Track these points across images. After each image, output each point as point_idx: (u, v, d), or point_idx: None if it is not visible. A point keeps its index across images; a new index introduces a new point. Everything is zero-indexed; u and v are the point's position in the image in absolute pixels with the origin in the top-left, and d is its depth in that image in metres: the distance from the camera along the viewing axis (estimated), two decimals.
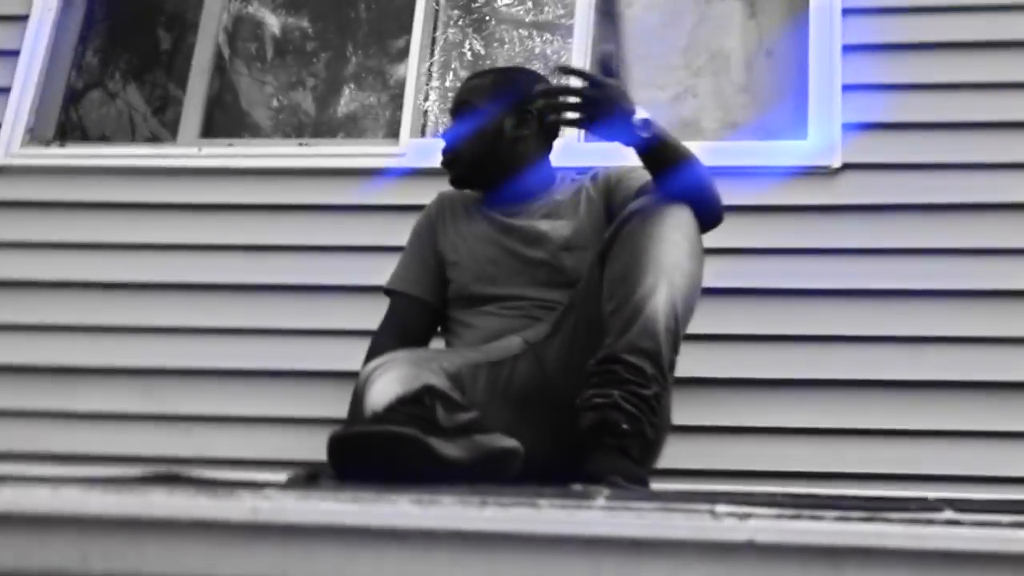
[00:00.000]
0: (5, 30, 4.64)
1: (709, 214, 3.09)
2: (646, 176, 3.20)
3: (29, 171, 4.45)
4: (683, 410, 3.25)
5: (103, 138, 4.87)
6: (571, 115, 3.04)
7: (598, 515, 1.67)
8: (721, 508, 1.67)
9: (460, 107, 3.45)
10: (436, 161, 4.03)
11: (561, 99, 3.08)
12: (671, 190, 3.04)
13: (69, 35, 4.75)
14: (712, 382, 3.88)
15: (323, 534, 1.71)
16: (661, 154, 3.06)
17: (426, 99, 4.53)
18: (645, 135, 3.01)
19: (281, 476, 3.26)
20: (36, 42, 4.60)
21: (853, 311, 3.95)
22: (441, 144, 3.45)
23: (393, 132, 4.50)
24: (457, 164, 3.42)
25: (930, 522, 1.65)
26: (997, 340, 3.89)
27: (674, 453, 3.14)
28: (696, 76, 4.44)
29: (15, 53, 4.59)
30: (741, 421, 3.88)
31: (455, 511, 1.71)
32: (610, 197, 3.34)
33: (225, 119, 4.82)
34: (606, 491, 2.05)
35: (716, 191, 3.11)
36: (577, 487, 2.21)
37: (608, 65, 3.06)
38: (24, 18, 4.63)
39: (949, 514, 1.69)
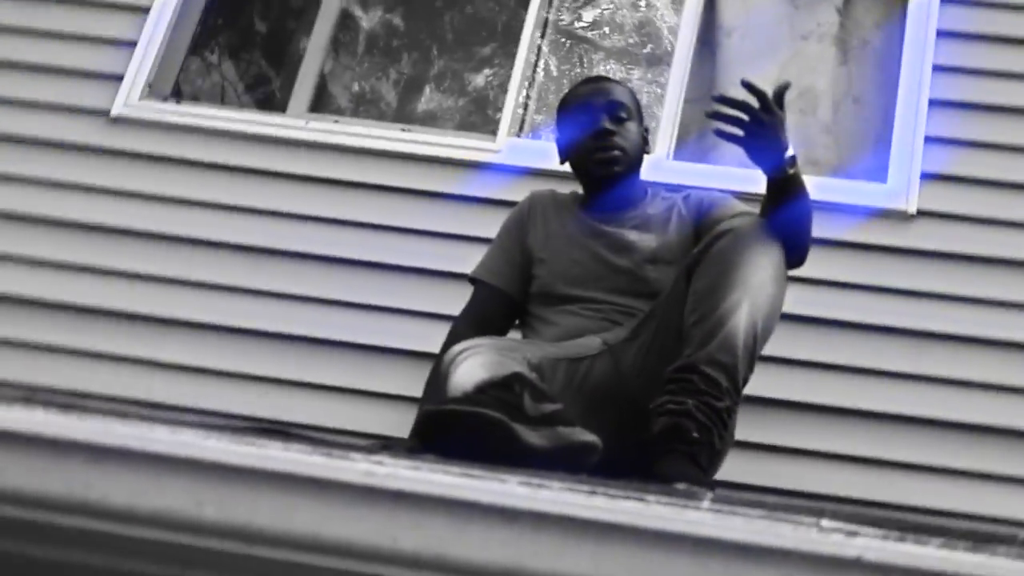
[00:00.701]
0: None
1: (798, 251, 3.06)
2: (739, 207, 3.21)
3: (144, 124, 4.40)
4: (746, 427, 3.21)
5: (218, 100, 4.83)
6: (734, 129, 2.97)
7: (707, 516, 1.61)
8: (827, 523, 1.60)
9: (618, 107, 3.37)
10: (530, 160, 4.03)
11: (734, 112, 2.99)
12: (776, 219, 3.00)
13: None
14: (777, 403, 3.81)
15: (433, 504, 1.65)
16: (789, 189, 3.01)
17: (525, 106, 4.47)
18: (790, 171, 2.97)
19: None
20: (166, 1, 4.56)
21: (913, 349, 3.89)
22: (538, 144, 3.40)
23: (491, 129, 4.45)
24: (622, 162, 3.34)
25: None
26: None
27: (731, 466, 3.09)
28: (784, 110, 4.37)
29: (146, 9, 4.55)
30: (796, 443, 3.82)
31: (564, 496, 1.64)
32: (701, 219, 3.31)
33: (333, 97, 4.79)
34: (711, 493, 1.98)
35: (810, 234, 3.08)
36: (680, 486, 2.16)
37: (781, 97, 2.98)
38: None
39: None
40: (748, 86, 2.96)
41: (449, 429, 2.58)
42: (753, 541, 1.58)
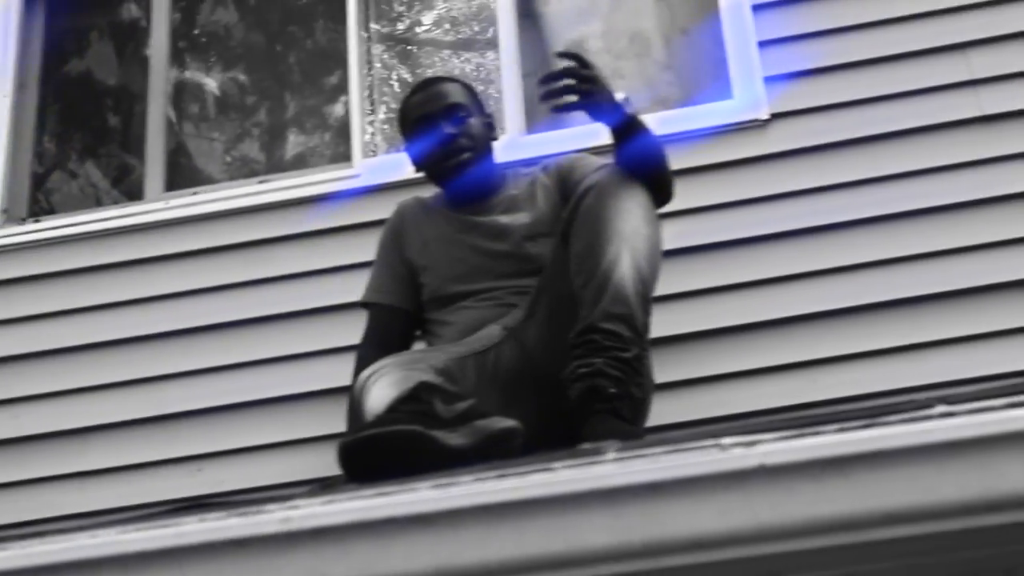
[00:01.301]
0: None
1: (662, 186, 3.13)
2: (595, 162, 3.30)
3: (7, 249, 4.42)
4: (663, 368, 3.27)
5: (84, 205, 4.83)
6: (570, 97, 3.06)
7: (612, 467, 1.65)
8: (727, 440, 1.65)
9: (453, 109, 3.43)
10: (390, 175, 4.06)
11: (564, 83, 3.06)
12: (631, 163, 3.07)
13: (27, 117, 4.72)
14: (682, 338, 3.85)
15: (355, 531, 1.68)
16: (632, 130, 3.09)
17: (370, 123, 4.50)
18: (628, 112, 3.07)
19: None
20: None
21: (797, 249, 3.93)
22: (395, 158, 3.44)
23: (345, 158, 4.47)
24: (470, 149, 3.40)
25: (926, 418, 1.63)
26: (928, 255, 3.87)
27: (659, 410, 3.16)
28: (619, 59, 4.43)
29: None
30: (713, 370, 3.85)
31: (475, 487, 1.68)
32: (564, 184, 3.37)
33: (185, 174, 4.79)
34: (615, 445, 2.03)
35: (669, 167, 3.15)
36: (585, 446, 2.20)
37: (583, 56, 3.07)
38: None
39: (942, 408, 1.68)
40: (561, 55, 3.10)
41: (371, 454, 2.61)
42: (660, 479, 1.62)
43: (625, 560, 1.62)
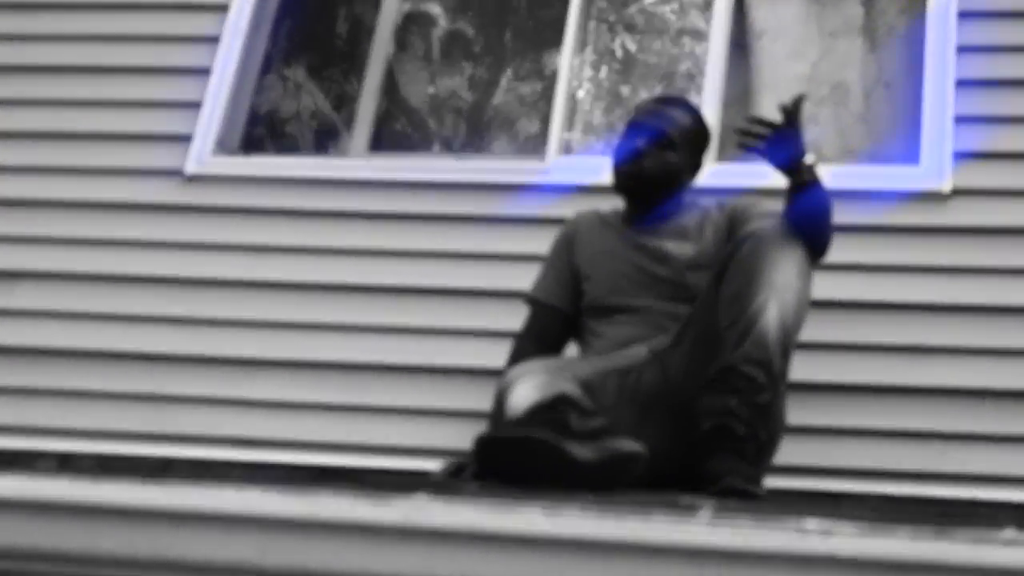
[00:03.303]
0: (198, 49, 4.82)
1: (820, 243, 3.27)
2: (763, 208, 3.44)
3: (218, 179, 4.62)
4: (797, 412, 3.38)
5: (284, 150, 5.04)
6: (756, 142, 3.30)
7: (702, 528, 1.82)
8: (808, 524, 1.80)
9: (661, 136, 3.57)
10: (578, 178, 4.20)
11: (759, 131, 3.30)
12: (795, 215, 3.25)
13: (255, 56, 4.92)
14: (825, 387, 3.94)
15: (464, 539, 1.87)
16: (804, 182, 3.28)
17: (571, 124, 4.66)
18: (805, 165, 3.26)
19: (432, 465, 3.47)
20: (226, 62, 4.77)
21: (956, 324, 4.00)
22: (589, 161, 3.60)
23: (539, 150, 4.61)
24: (639, 181, 3.57)
25: (991, 541, 1.76)
26: None
27: (791, 451, 3.31)
28: (818, 105, 4.52)
29: (207, 71, 4.77)
30: (844, 422, 3.94)
31: (577, 521, 1.86)
32: (733, 224, 3.50)
33: (390, 135, 4.97)
34: (712, 503, 2.19)
35: (831, 228, 3.29)
36: (685, 499, 2.36)
37: (797, 110, 3.29)
38: (216, 39, 4.81)
39: (1011, 532, 1.80)
40: (782, 108, 3.29)
41: (504, 452, 2.83)
42: (740, 546, 1.79)
43: None
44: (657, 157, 3.54)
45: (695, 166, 3.66)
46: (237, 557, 1.93)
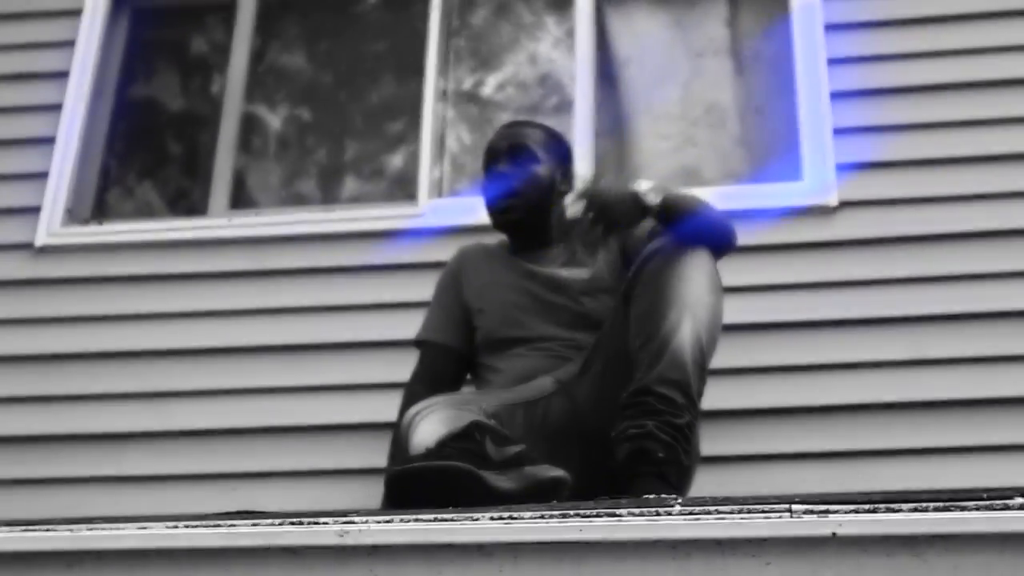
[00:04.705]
0: (41, 118, 4.64)
1: (720, 243, 3.08)
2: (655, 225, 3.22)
3: (69, 249, 4.43)
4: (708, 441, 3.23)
5: (140, 214, 4.83)
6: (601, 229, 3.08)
7: (680, 519, 1.61)
8: (798, 506, 1.61)
9: (517, 150, 3.41)
10: (453, 220, 4.05)
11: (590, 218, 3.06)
12: (683, 235, 3.02)
13: (100, 121, 4.74)
14: (727, 413, 3.80)
15: (409, 552, 1.65)
16: (671, 213, 3.05)
17: (440, 165, 4.50)
18: (656, 205, 3.04)
19: None
20: (70, 129, 4.58)
21: (853, 339, 3.91)
22: (463, 202, 3.42)
23: (410, 195, 4.47)
24: (516, 208, 3.38)
25: (1004, 508, 1.58)
26: (991, 359, 3.85)
27: (700, 482, 3.10)
28: (694, 126, 4.42)
29: (51, 140, 4.58)
30: (754, 449, 3.84)
31: (538, 524, 1.65)
32: (624, 242, 3.31)
33: (250, 193, 4.79)
34: (680, 498, 1.99)
35: (722, 221, 3.12)
36: (649, 496, 2.16)
37: (589, 195, 3.07)
38: (58, 107, 4.63)
39: (1022, 500, 1.63)
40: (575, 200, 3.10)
41: (418, 487, 2.59)
42: (728, 535, 1.59)
43: None
44: (524, 174, 3.36)
45: (564, 173, 3.47)
46: None
